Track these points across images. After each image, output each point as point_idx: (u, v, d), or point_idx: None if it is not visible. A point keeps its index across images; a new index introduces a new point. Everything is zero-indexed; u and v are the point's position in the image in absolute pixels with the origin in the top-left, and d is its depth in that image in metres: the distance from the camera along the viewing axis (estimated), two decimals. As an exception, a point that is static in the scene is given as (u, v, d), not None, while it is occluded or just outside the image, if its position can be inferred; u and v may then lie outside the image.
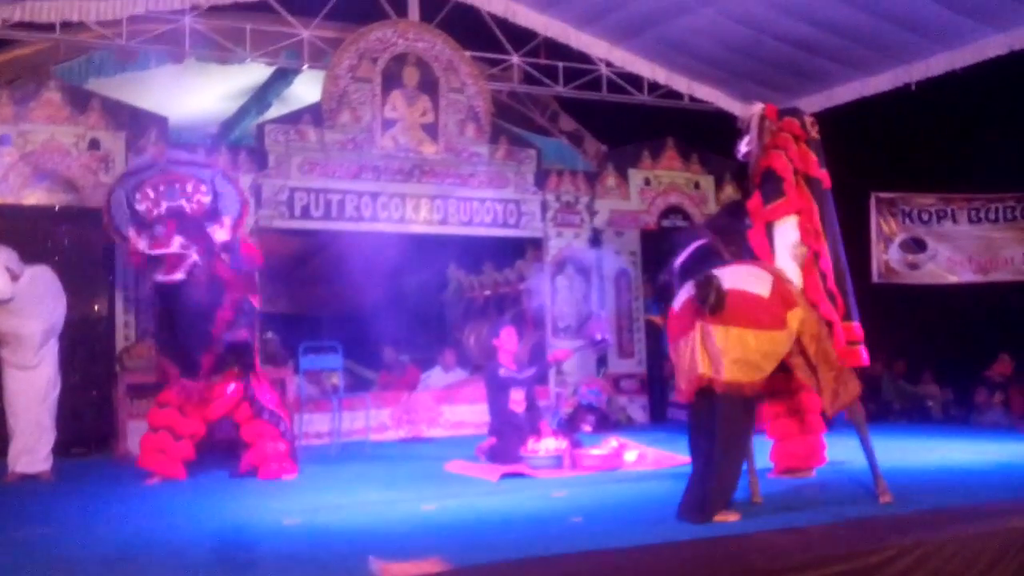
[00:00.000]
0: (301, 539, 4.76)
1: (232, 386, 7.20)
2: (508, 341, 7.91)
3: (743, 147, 6.63)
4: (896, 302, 12.01)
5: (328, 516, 5.38)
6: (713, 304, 4.98)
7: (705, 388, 5.01)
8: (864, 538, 4.42)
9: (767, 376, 5.14)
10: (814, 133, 6.52)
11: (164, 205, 7.01)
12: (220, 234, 7.15)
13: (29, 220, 8.85)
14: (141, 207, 7.03)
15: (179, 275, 6.89)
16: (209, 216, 7.15)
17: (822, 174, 6.51)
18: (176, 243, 6.90)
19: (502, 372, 7.74)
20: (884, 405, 11.59)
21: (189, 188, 7.11)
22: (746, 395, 5.03)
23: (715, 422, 4.99)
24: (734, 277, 5.20)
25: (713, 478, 4.96)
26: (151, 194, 7.04)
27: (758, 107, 6.79)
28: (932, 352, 12.13)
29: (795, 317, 5.16)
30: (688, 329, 5.12)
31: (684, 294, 5.30)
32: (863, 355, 6.32)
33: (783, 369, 5.73)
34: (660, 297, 6.85)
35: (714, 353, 4.98)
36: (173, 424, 7.03)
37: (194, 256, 6.94)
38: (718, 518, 4.87)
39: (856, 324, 6.43)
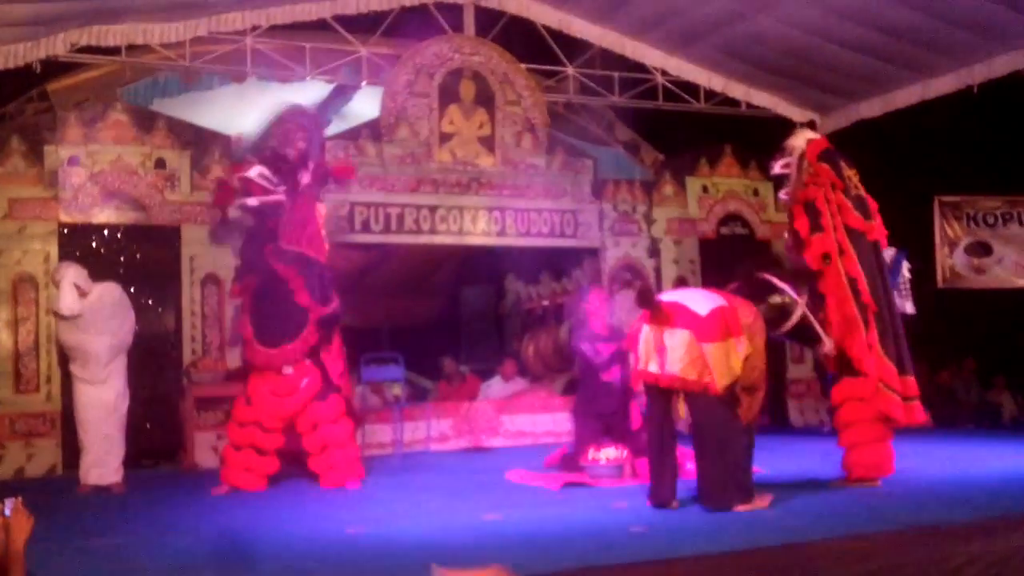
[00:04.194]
0: (364, 548, 4.83)
1: (305, 380, 7.21)
2: (598, 305, 7.56)
3: (777, 167, 6.81)
4: (962, 307, 11.79)
5: (391, 525, 5.45)
6: (645, 305, 5.74)
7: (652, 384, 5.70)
8: (932, 546, 4.36)
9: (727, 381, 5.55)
10: (852, 187, 6.58)
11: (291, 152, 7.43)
12: (305, 177, 7.37)
13: (98, 238, 9.09)
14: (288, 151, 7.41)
15: (253, 202, 7.24)
16: (302, 160, 7.41)
17: (866, 226, 6.52)
18: (254, 171, 7.22)
19: (585, 347, 7.40)
20: (955, 411, 11.31)
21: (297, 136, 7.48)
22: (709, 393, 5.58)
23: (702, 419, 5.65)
24: (682, 296, 5.91)
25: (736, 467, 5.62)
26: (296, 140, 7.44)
27: (802, 139, 6.87)
28: (1001, 358, 11.88)
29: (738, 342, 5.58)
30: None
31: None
32: (920, 411, 6.38)
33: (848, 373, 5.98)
34: None
35: (660, 352, 5.60)
36: (256, 442, 7.14)
37: (280, 196, 7.21)
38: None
39: (911, 379, 6.40)
